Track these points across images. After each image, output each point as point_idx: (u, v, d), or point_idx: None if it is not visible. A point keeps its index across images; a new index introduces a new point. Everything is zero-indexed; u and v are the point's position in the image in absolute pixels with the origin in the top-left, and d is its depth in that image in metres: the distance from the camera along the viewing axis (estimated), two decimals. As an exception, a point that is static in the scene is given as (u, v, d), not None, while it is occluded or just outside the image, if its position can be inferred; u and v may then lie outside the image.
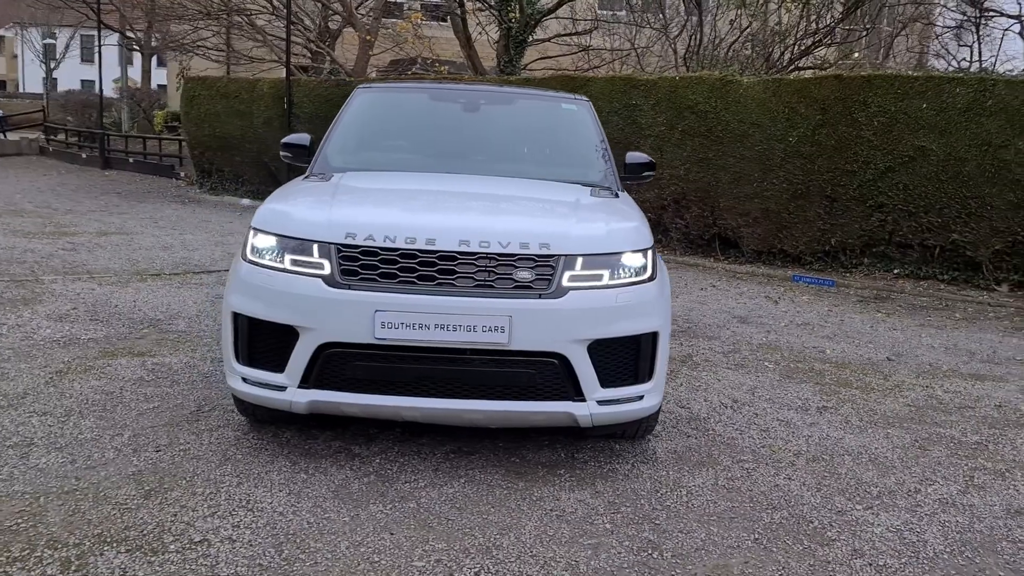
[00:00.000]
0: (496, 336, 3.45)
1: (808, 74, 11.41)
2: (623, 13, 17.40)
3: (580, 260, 3.61)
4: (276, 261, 3.65)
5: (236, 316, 3.71)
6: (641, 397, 3.74)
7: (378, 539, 3.13)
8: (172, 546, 3.00)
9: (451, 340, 3.46)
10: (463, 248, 3.53)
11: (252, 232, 3.80)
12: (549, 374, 3.54)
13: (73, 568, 2.82)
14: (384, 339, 3.45)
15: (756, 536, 3.30)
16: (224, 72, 22.66)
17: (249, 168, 16.06)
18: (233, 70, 21.94)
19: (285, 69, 15.07)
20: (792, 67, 12.87)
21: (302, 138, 5.08)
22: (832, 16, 12.42)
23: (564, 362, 3.53)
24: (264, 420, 4.15)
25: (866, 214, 9.56)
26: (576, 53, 16.42)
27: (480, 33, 17.05)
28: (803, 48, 12.69)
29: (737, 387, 5.29)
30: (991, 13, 11.57)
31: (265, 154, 15.53)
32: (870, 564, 3.12)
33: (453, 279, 3.51)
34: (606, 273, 3.64)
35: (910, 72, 9.82)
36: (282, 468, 3.71)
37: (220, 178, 16.83)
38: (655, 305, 3.75)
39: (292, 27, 16.58)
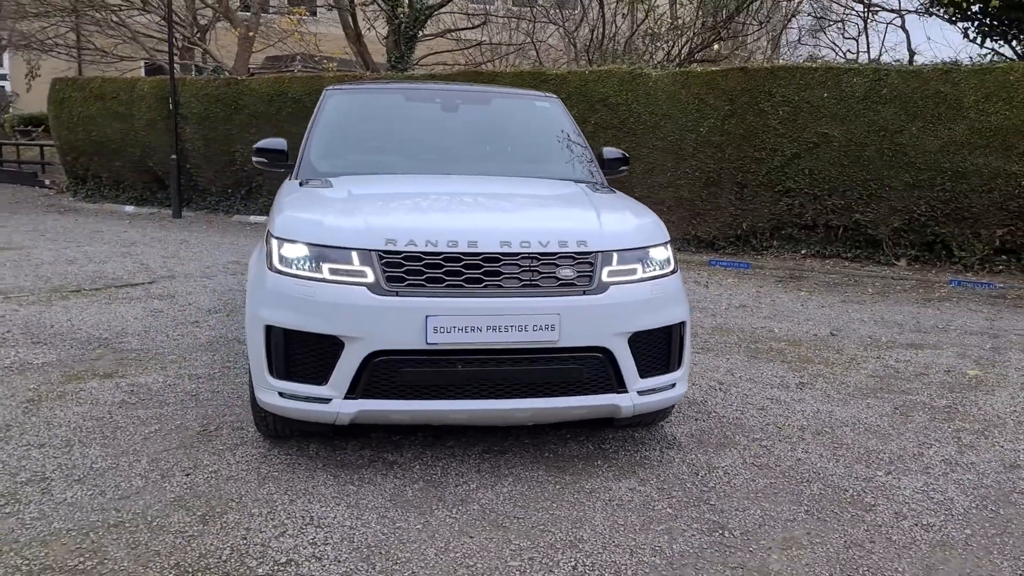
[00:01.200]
0: (547, 334, 3.50)
1: (710, 67, 11.92)
2: (517, 9, 17.55)
3: (615, 256, 3.70)
4: (311, 271, 3.56)
5: (269, 329, 3.59)
6: (674, 385, 3.88)
7: (461, 543, 3.13)
8: (260, 570, 2.91)
9: (503, 341, 3.49)
10: (505, 249, 3.56)
11: (277, 242, 3.69)
12: (595, 368, 3.62)
13: (171, 602, 2.70)
14: (436, 344, 3.44)
15: (806, 508, 3.50)
16: (77, 71, 21.39)
17: (131, 173, 15.26)
18: (92, 69, 20.74)
19: (168, 68, 14.38)
20: (690, 61, 13.39)
21: (278, 143, 4.96)
22: (726, 11, 13.01)
23: (608, 356, 3.62)
24: (284, 435, 4.04)
25: (775, 199, 10.08)
26: (469, 48, 16.44)
27: (369, 28, 16.82)
28: (701, 42, 13.22)
29: (714, 370, 5.52)
30: (876, 8, 12.47)
31: (150, 158, 14.82)
32: (916, 524, 3.37)
33: (499, 280, 3.53)
34: (639, 267, 3.76)
35: (811, 63, 10.41)
36: (327, 482, 3.63)
37: (97, 185, 15.91)
38: (680, 296, 3.90)
39: (161, 22, 15.83)
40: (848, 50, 13.97)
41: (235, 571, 2.89)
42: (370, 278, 3.49)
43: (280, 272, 3.62)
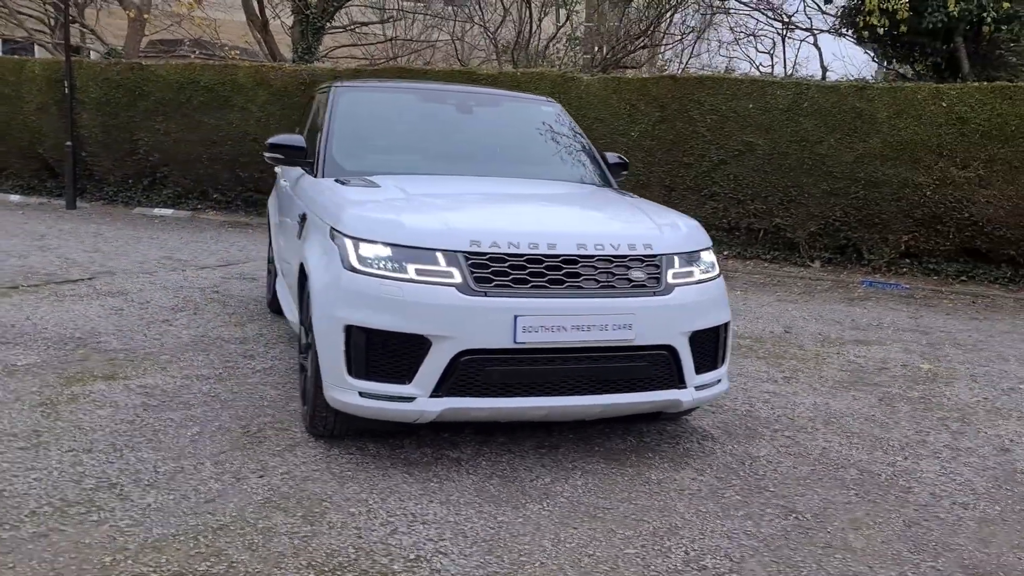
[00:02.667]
0: (624, 333, 3.69)
1: (630, 73, 12.37)
2: (438, 7, 17.50)
3: (676, 259, 3.92)
4: (395, 271, 3.60)
5: (350, 329, 3.60)
6: (719, 381, 4.14)
7: (569, 534, 3.27)
8: (395, 566, 2.95)
9: (585, 340, 3.64)
10: (581, 251, 3.72)
11: (352, 242, 3.70)
12: (662, 365, 3.83)
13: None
14: (524, 343, 3.56)
15: (854, 492, 3.83)
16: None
17: (17, 160, 14.29)
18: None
19: (64, 48, 13.55)
20: (614, 66, 13.81)
21: (295, 139, 4.92)
22: (646, 21, 13.50)
23: (673, 353, 3.84)
24: (339, 435, 4.04)
25: (701, 202, 10.60)
26: (381, 43, 16.30)
27: (274, 17, 16.39)
28: (627, 49, 13.66)
29: (703, 365, 5.83)
30: (792, 26, 13.27)
31: (40, 144, 13.94)
32: (954, 503, 3.76)
33: (579, 281, 3.68)
34: (696, 270, 3.99)
35: (739, 75, 11.00)
36: (406, 480, 3.68)
37: (-27, 172, 14.78)
38: (725, 297, 4.16)
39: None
40: (761, 64, 14.86)
41: (371, 569, 2.92)
42: (457, 279, 3.56)
43: (360, 272, 3.63)
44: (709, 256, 4.13)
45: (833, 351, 6.50)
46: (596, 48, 13.90)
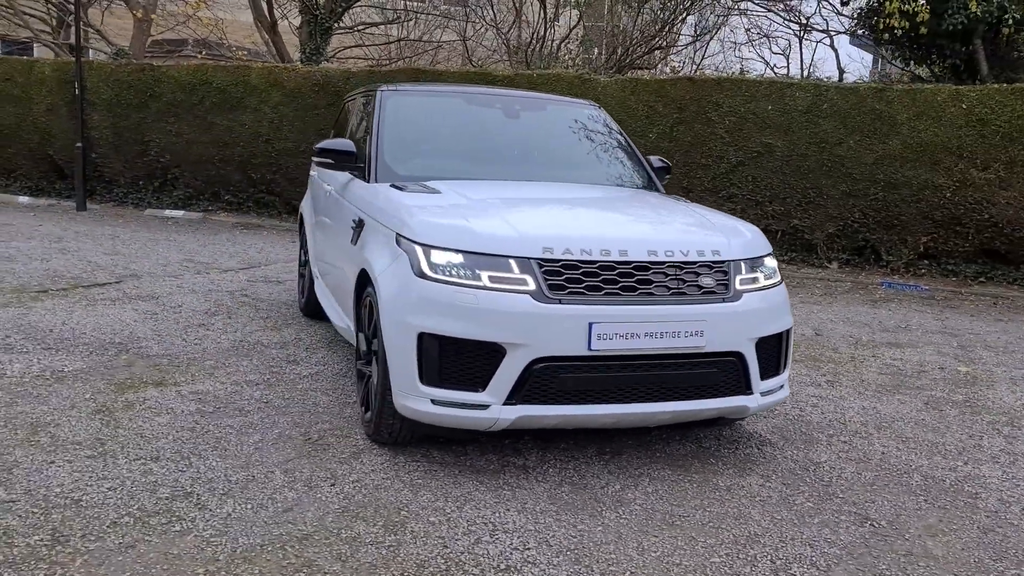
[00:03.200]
0: (695, 340, 3.69)
1: (644, 74, 12.37)
2: (446, 7, 17.47)
3: (743, 265, 3.93)
4: (468, 278, 3.58)
5: (423, 336, 3.59)
6: (782, 386, 4.15)
7: (652, 543, 3.27)
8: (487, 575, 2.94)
9: (658, 347, 3.64)
10: (652, 258, 3.71)
11: (422, 248, 3.69)
12: (730, 372, 3.83)
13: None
14: (599, 350, 3.55)
15: (923, 497, 3.84)
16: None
17: (26, 161, 14.22)
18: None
19: (75, 48, 13.47)
20: (630, 67, 13.81)
21: (345, 144, 4.90)
22: (661, 21, 13.51)
23: (741, 360, 3.84)
24: (403, 442, 4.02)
25: (719, 204, 10.60)
26: (390, 44, 16.25)
27: (282, 18, 16.34)
28: (641, 50, 13.66)
29: (744, 369, 5.84)
30: (809, 28, 13.30)
31: (50, 145, 13.88)
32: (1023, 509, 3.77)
33: (651, 288, 3.68)
34: (760, 276, 4.00)
35: (757, 77, 11.01)
36: (478, 487, 3.67)
37: (-17, 172, 14.70)
38: (787, 303, 4.16)
39: None
40: (775, 65, 14.90)
41: (466, 579, 2.91)
42: (532, 286, 3.55)
43: (432, 279, 3.62)
44: (772, 262, 4.13)
45: (868, 354, 6.51)
46: (610, 49, 13.88)
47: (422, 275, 3.64)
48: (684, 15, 13.54)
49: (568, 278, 3.59)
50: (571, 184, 4.85)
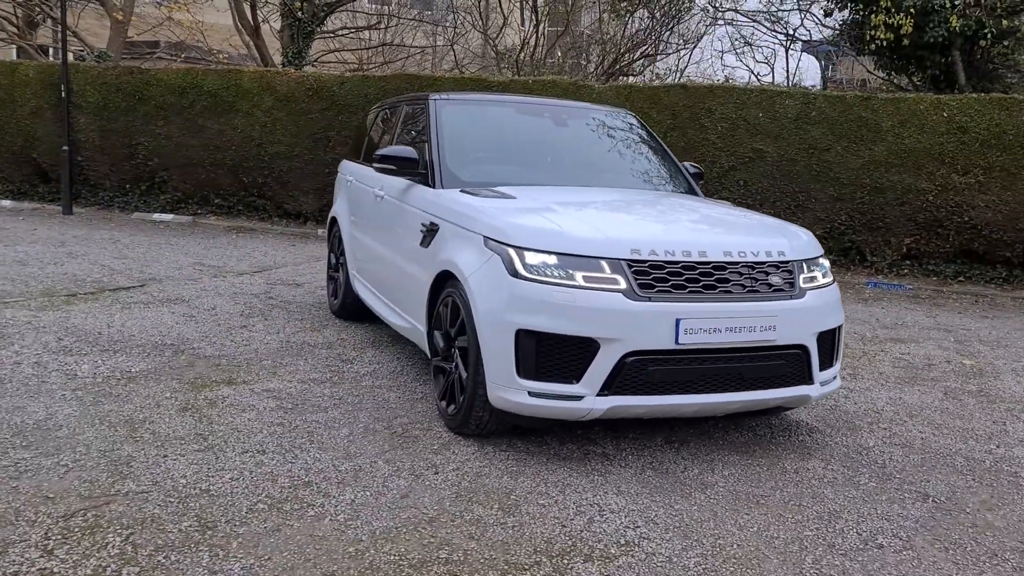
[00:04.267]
0: (768, 334, 4.00)
1: (633, 81, 12.72)
2: (429, 12, 17.65)
3: (804, 264, 4.25)
4: (563, 278, 3.84)
5: (520, 332, 3.84)
6: (835, 377, 4.48)
7: (747, 519, 3.56)
8: (612, 550, 3.21)
9: (735, 340, 3.94)
10: (727, 259, 4.02)
11: (517, 251, 3.93)
12: (796, 363, 4.15)
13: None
14: (685, 344, 3.84)
15: (971, 477, 4.20)
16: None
17: (9, 165, 14.06)
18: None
19: (61, 51, 13.38)
20: (619, 73, 14.16)
21: (407, 151, 5.12)
22: (655, 28, 13.91)
23: (805, 352, 4.16)
24: (488, 434, 4.26)
25: (711, 207, 10.99)
26: (373, 48, 16.39)
27: (263, 21, 16.38)
28: (635, 56, 14.03)
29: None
30: (795, 38, 13.81)
31: (34, 149, 13.76)
32: (1061, 485, 4.15)
33: (728, 286, 3.98)
34: (818, 275, 4.33)
35: (748, 85, 11.43)
36: (570, 474, 3.92)
37: (-40, 176, 14.49)
38: (839, 301, 4.49)
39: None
40: (760, 73, 15.41)
41: (593, 553, 3.18)
42: (623, 285, 3.83)
43: (528, 279, 3.87)
44: (825, 262, 4.46)
45: (876, 349, 6.91)
46: (600, 57, 14.23)
47: (517, 275, 3.89)
48: (672, 24, 13.98)
49: (655, 277, 3.87)
50: (624, 189, 5.14)
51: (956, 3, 10.18)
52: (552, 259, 3.87)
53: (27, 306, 6.63)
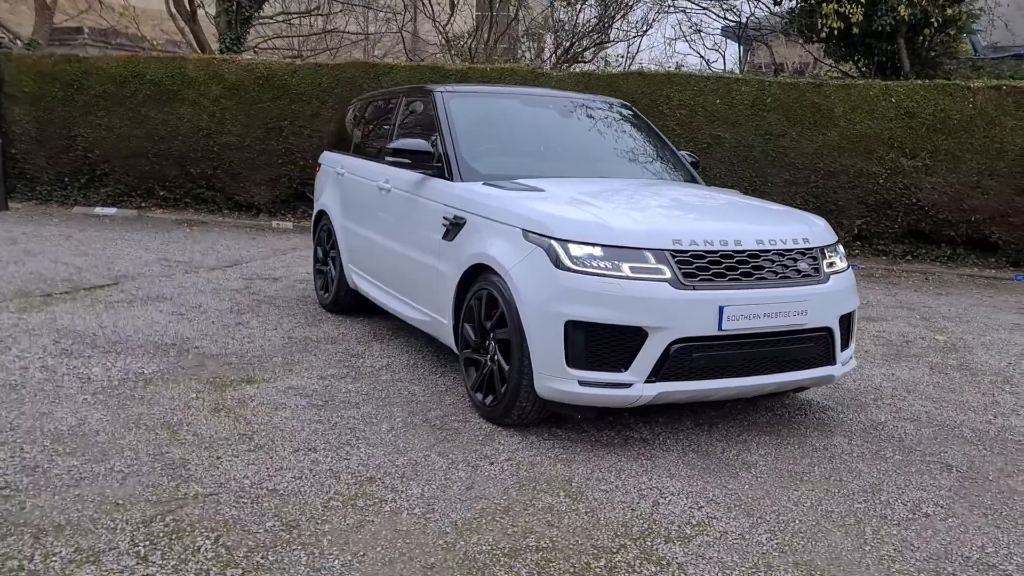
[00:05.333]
0: (801, 318, 4.18)
1: (585, 68, 12.83)
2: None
3: (826, 251, 4.45)
4: (610, 269, 3.94)
5: (569, 324, 3.93)
6: (852, 357, 4.71)
7: (797, 495, 3.73)
8: (687, 531, 3.34)
9: (772, 325, 4.12)
10: (760, 247, 4.18)
11: (561, 244, 4.01)
12: (822, 345, 4.35)
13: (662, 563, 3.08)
14: (727, 330, 3.99)
15: (982, 446, 4.47)
16: None
17: (-65, 159, 13.35)
18: None
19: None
20: (572, 60, 14.23)
21: (421, 144, 5.14)
22: (606, 15, 14.03)
23: (830, 334, 4.36)
24: (528, 423, 4.35)
25: (670, 192, 11.23)
26: (317, 35, 16.10)
27: (199, 6, 15.92)
28: (589, 43, 14.11)
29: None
30: (745, 26, 14.09)
31: (-37, 142, 13.08)
32: (1062, 450, 4.46)
33: (763, 273, 4.15)
34: (837, 259, 4.53)
35: (705, 72, 11.68)
36: (618, 459, 4.04)
37: None
38: (855, 284, 4.71)
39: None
40: (710, 60, 15.73)
41: (670, 535, 3.30)
42: (667, 274, 3.95)
43: (574, 271, 3.95)
44: (840, 248, 4.67)
45: (862, 328, 7.21)
46: (558, 44, 14.32)
47: (563, 267, 3.97)
48: (624, 12, 14.16)
49: (698, 267, 4.00)
50: (637, 179, 5.26)
51: (904, -7, 10.62)
52: (598, 251, 3.96)
53: (6, 308, 6.39)
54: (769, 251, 4.18)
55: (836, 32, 11.00)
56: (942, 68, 11.90)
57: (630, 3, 13.95)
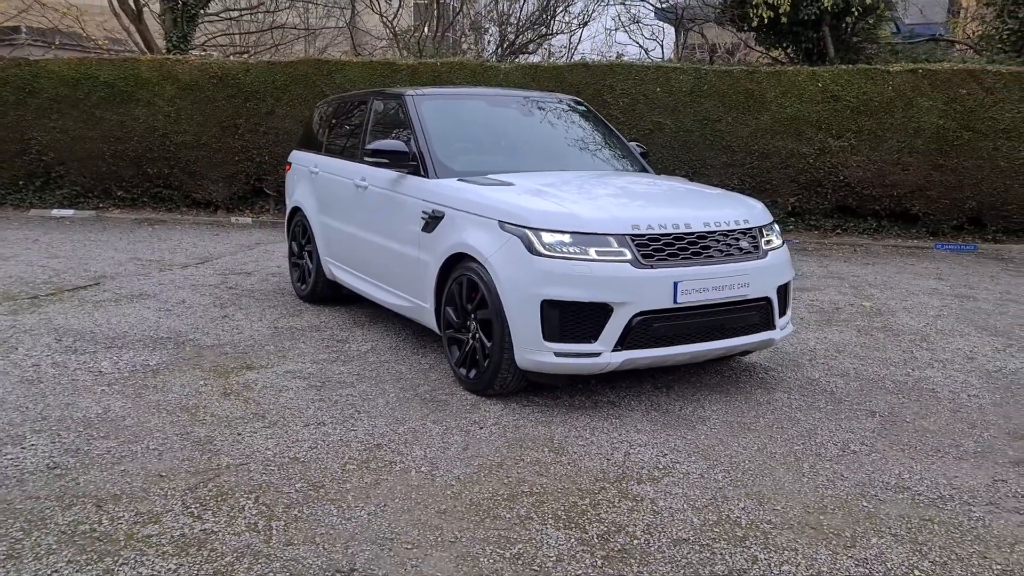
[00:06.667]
0: (743, 290, 4.81)
1: (531, 59, 13.38)
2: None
3: (763, 230, 5.08)
4: (578, 253, 4.51)
5: (544, 303, 4.49)
6: (789, 323, 5.36)
7: (745, 442, 4.35)
8: (655, 473, 3.93)
9: (720, 297, 4.73)
10: (707, 229, 4.79)
11: (534, 232, 4.56)
12: (763, 313, 4.98)
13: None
14: (682, 303, 4.60)
15: (901, 395, 5.16)
16: None
17: None
18: None
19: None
20: (517, 52, 14.73)
21: (398, 144, 5.63)
22: (548, 8, 14.56)
23: (769, 303, 5.00)
24: (510, 393, 4.90)
25: (617, 177, 11.85)
26: (265, 31, 16.32)
27: (144, 4, 16.02)
28: (537, 35, 14.64)
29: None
30: (682, 18, 14.77)
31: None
32: (968, 395, 5.17)
33: (710, 252, 4.76)
34: (773, 237, 5.17)
35: (645, 62, 12.29)
36: (591, 419, 4.61)
37: None
38: (790, 259, 5.35)
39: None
40: (649, 49, 16.37)
41: (642, 476, 3.89)
42: (628, 256, 4.53)
43: (547, 256, 4.51)
44: (776, 227, 5.31)
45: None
46: (503, 38, 14.81)
47: (537, 253, 4.52)
48: (566, 4, 14.72)
49: (654, 248, 4.59)
50: (594, 170, 5.83)
51: (827, -16, 11.36)
52: (567, 238, 4.52)
53: (-3, 311, 6.71)
54: (715, 232, 4.79)
55: (766, 21, 11.71)
56: (864, 53, 12.72)
57: (568, -2, 14.54)
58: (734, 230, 4.87)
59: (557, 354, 4.52)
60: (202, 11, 16.13)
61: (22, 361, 5.39)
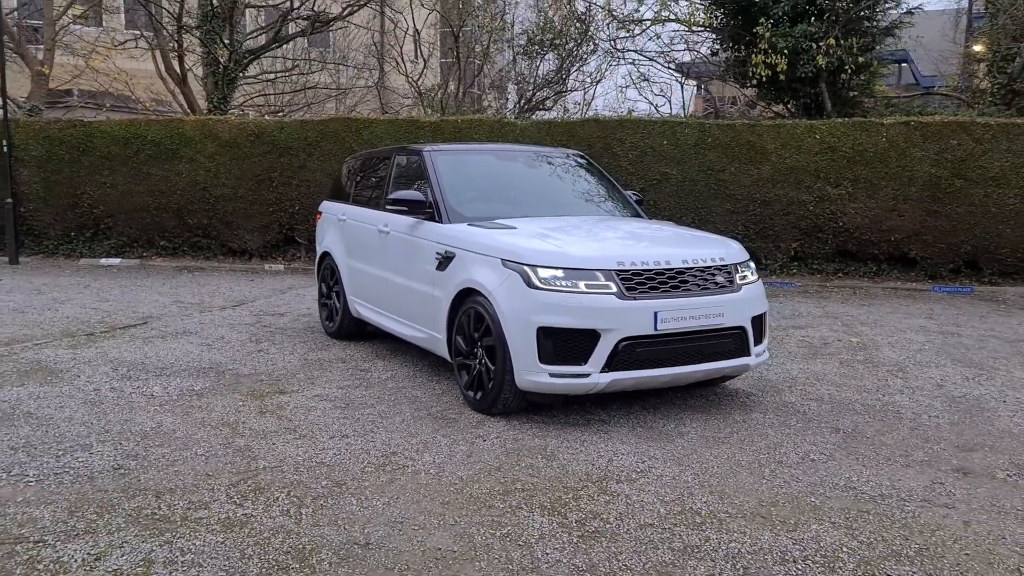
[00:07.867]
0: (719, 319, 5.43)
1: (547, 115, 14.23)
2: (329, 51, 18.63)
3: (738, 267, 5.71)
4: (570, 286, 5.16)
5: (540, 329, 5.14)
6: (765, 351, 5.96)
7: (717, 453, 4.93)
8: (634, 475, 4.53)
9: (696, 325, 5.35)
10: (685, 265, 5.43)
11: (531, 268, 5.23)
12: (738, 340, 5.58)
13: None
14: (662, 330, 5.22)
15: (867, 416, 5.71)
16: None
17: (-53, 219, 14.35)
18: None
19: (3, 110, 13.87)
20: (535, 109, 15.62)
21: (415, 195, 6.34)
22: (563, 68, 15.48)
23: (744, 332, 5.60)
24: (511, 412, 5.52)
25: (627, 225, 12.52)
26: (300, 91, 17.36)
27: (188, 69, 17.12)
28: (549, 94, 15.55)
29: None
30: (688, 76, 15.62)
31: (-27, 203, 14.11)
32: (930, 416, 5.71)
33: (688, 286, 5.39)
34: (748, 273, 5.80)
35: (652, 117, 13.06)
36: (582, 434, 5.21)
37: None
38: (764, 293, 5.97)
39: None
40: (658, 105, 17.24)
41: (620, 477, 4.48)
42: (614, 289, 5.18)
43: (542, 289, 5.17)
44: (751, 264, 5.94)
45: (783, 334, 8.50)
46: (520, 96, 15.71)
47: (533, 286, 5.18)
48: (580, 64, 15.61)
49: (637, 282, 5.23)
50: (590, 216, 6.51)
51: (820, 45, 12.09)
52: (560, 273, 5.19)
53: (59, 346, 7.47)
54: (692, 268, 5.43)
55: (765, 79, 12.45)
56: (861, 106, 13.40)
57: (584, 56, 15.40)
58: (710, 266, 5.51)
59: (552, 375, 5.15)
60: (241, 74, 17.21)
61: (84, 386, 6.11)
